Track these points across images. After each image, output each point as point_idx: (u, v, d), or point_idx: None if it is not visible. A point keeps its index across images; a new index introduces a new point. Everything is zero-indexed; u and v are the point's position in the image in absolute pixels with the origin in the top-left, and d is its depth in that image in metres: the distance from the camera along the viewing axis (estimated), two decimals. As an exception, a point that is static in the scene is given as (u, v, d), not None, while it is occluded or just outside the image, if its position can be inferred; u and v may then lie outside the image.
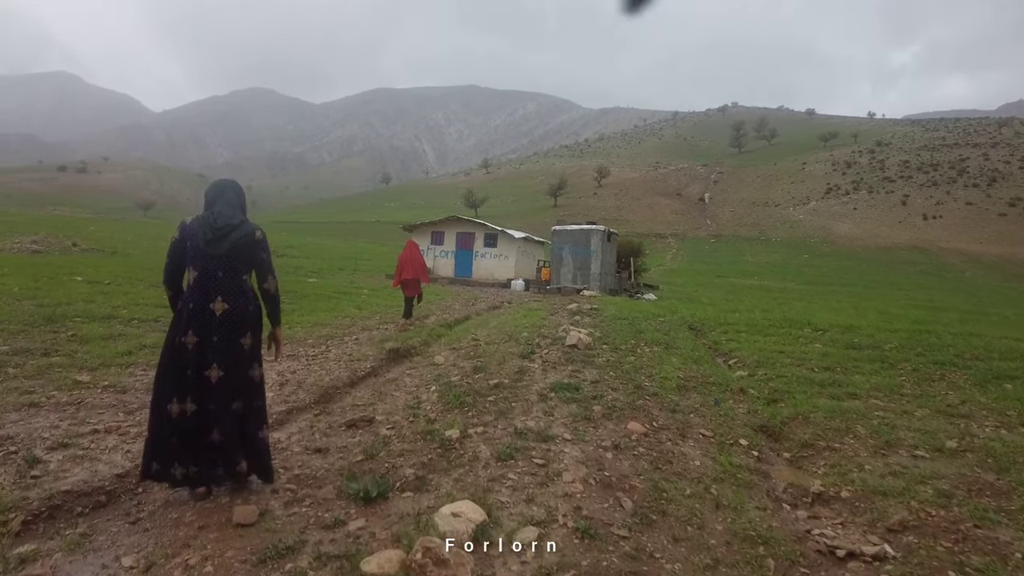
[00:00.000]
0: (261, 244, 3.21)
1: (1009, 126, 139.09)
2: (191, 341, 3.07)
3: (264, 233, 3.29)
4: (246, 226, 3.20)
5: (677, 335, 8.31)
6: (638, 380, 5.60)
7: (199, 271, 3.08)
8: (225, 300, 3.07)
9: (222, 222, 3.12)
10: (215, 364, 3.08)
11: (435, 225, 25.53)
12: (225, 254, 3.09)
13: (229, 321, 3.09)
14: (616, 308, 11.72)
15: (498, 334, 8.15)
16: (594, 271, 18.30)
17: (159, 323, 8.76)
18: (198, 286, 3.08)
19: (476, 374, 5.62)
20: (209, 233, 3.09)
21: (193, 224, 3.16)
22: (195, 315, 3.07)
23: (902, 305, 22.04)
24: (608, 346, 7.18)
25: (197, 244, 3.09)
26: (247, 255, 3.16)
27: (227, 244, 3.10)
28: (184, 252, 3.15)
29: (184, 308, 3.12)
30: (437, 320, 10.81)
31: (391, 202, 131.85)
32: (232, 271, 3.11)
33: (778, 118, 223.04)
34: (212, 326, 3.06)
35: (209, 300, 3.06)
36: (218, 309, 3.06)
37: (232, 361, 3.12)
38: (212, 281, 3.07)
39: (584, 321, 9.32)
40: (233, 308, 3.09)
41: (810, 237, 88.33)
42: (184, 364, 3.08)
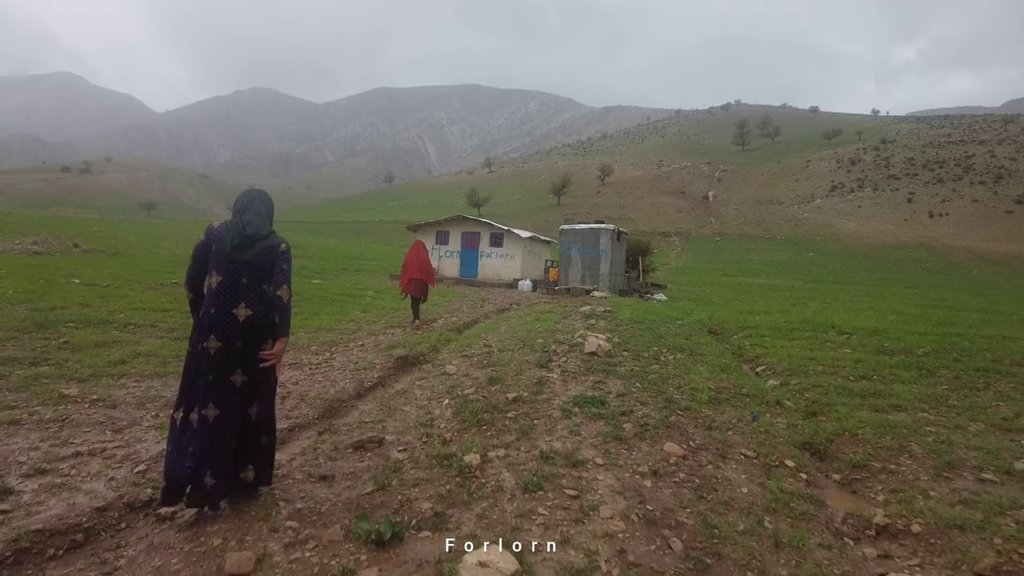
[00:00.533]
0: (284, 255, 3.21)
1: (1015, 122, 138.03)
2: (214, 346, 3.06)
3: (288, 245, 3.29)
4: (273, 237, 3.22)
5: (699, 340, 7.90)
6: (667, 392, 5.19)
7: (223, 275, 3.08)
8: (248, 306, 3.09)
9: (251, 230, 3.15)
10: (239, 369, 3.10)
11: (440, 225, 25.12)
12: (249, 261, 3.11)
13: (252, 327, 3.09)
14: (630, 310, 11.28)
15: (511, 340, 7.75)
16: (603, 271, 17.87)
17: (156, 328, 8.40)
18: (221, 290, 3.07)
19: (492, 386, 5.22)
20: (237, 239, 3.11)
21: (221, 228, 3.18)
22: (217, 320, 3.06)
23: (916, 304, 21.59)
24: (629, 353, 6.77)
25: (224, 248, 3.11)
26: (269, 264, 3.15)
27: (252, 252, 3.12)
28: (208, 255, 3.15)
29: (206, 313, 3.11)
30: (445, 324, 10.41)
31: (394, 201, 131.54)
32: (255, 278, 3.12)
33: (782, 116, 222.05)
34: (236, 332, 3.07)
35: (232, 305, 3.07)
36: (241, 315, 3.07)
37: (255, 367, 3.13)
38: (236, 287, 3.08)
39: (600, 325, 8.91)
40: (256, 315, 3.10)
41: (815, 235, 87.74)
42: (207, 369, 3.06)
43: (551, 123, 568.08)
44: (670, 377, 5.69)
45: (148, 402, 4.96)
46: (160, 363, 6.34)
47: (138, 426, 4.46)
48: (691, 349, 7.20)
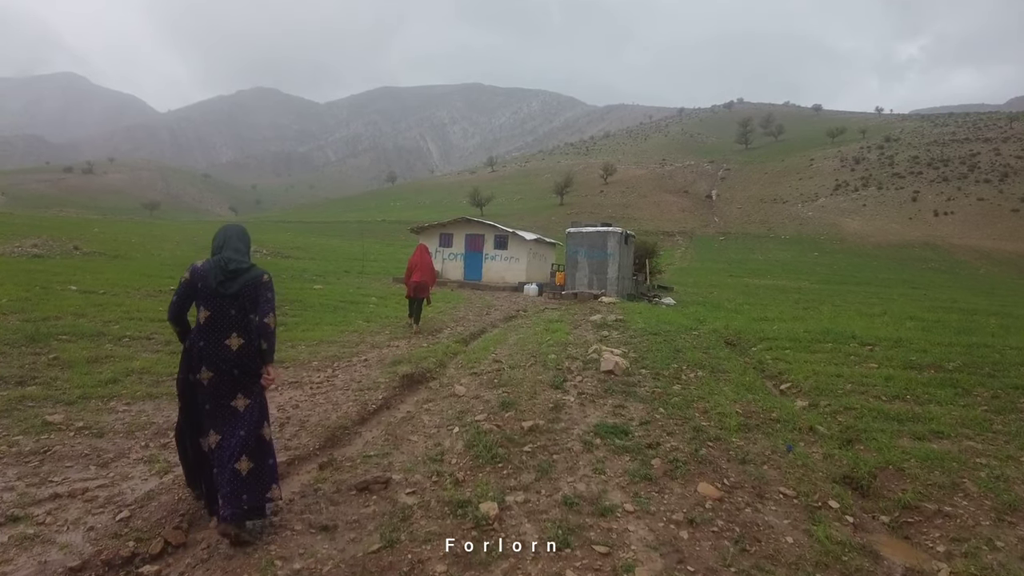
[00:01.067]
0: (267, 285, 3.36)
1: (1020, 120, 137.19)
2: (206, 376, 3.20)
3: (271, 276, 3.44)
4: (254, 270, 3.35)
5: (718, 354, 7.55)
6: (693, 419, 4.84)
7: (211, 311, 3.23)
8: (240, 335, 3.23)
9: (233, 266, 3.27)
10: (240, 394, 3.25)
11: (444, 227, 24.73)
12: (235, 293, 3.24)
13: (246, 355, 3.23)
14: (643, 319, 10.88)
15: (521, 354, 7.39)
16: (611, 275, 17.47)
17: (152, 340, 8.08)
18: (210, 325, 3.22)
19: (505, 412, 4.87)
20: (221, 275, 3.24)
21: (204, 266, 3.29)
22: (206, 352, 3.20)
23: (927, 307, 21.21)
24: (648, 371, 6.41)
25: (209, 285, 3.23)
26: (255, 295, 3.28)
27: (237, 285, 3.25)
28: (194, 292, 3.29)
29: (194, 346, 3.25)
30: (451, 334, 10.05)
31: (396, 201, 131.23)
32: (242, 309, 3.25)
33: (784, 114, 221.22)
34: (230, 360, 3.20)
35: (224, 337, 3.20)
36: (234, 344, 3.21)
37: (255, 390, 3.30)
38: (225, 319, 3.22)
39: (613, 337, 8.53)
40: (248, 343, 3.24)
41: (820, 234, 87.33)
42: (203, 399, 3.22)
43: (553, 122, 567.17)
44: (694, 400, 5.34)
45: (138, 429, 4.63)
46: (153, 382, 6.02)
47: (125, 459, 4.14)
48: (712, 366, 6.83)
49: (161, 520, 3.22)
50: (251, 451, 3.21)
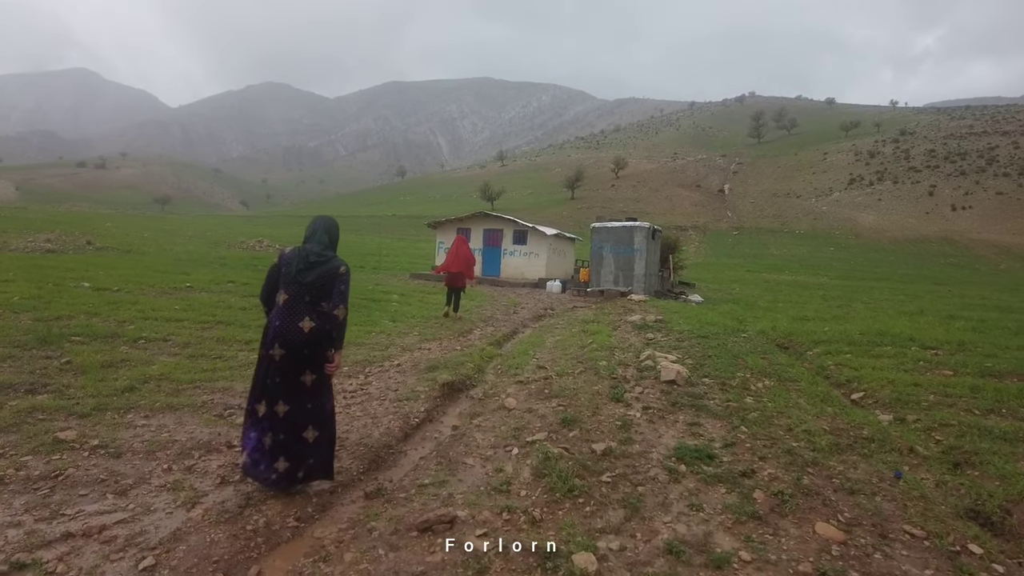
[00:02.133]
0: (343, 277, 3.63)
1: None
2: (278, 353, 3.52)
3: (348, 268, 3.71)
4: (334, 261, 3.64)
5: (777, 360, 6.97)
6: (779, 437, 4.30)
7: (289, 295, 3.56)
8: (312, 320, 3.52)
9: (313, 258, 3.59)
10: (308, 370, 3.56)
11: (461, 221, 24.18)
12: (311, 282, 3.55)
13: (315, 337, 3.52)
14: (684, 320, 10.28)
15: (566, 360, 6.87)
16: (638, 272, 16.85)
17: (169, 343, 7.63)
18: (287, 307, 3.54)
19: (568, 431, 4.35)
20: (301, 264, 3.57)
21: (290, 254, 3.65)
22: (280, 332, 3.51)
23: (961, 306, 20.51)
24: (711, 380, 5.86)
25: (290, 272, 3.57)
26: (329, 285, 3.57)
27: (314, 274, 3.55)
28: (279, 276, 3.63)
29: (271, 325, 3.59)
30: (482, 335, 9.53)
31: (406, 196, 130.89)
32: (315, 297, 3.56)
33: (797, 108, 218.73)
34: (301, 341, 3.50)
35: (298, 319, 3.51)
36: (306, 327, 3.51)
37: (321, 370, 3.61)
38: (300, 303, 3.54)
39: (660, 341, 7.97)
40: (318, 327, 3.52)
41: (835, 229, 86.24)
42: (273, 372, 3.53)
43: (563, 116, 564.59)
44: (772, 415, 4.79)
45: (159, 448, 4.15)
46: (173, 391, 5.55)
47: (146, 485, 3.65)
48: (776, 373, 6.27)
49: (192, 569, 2.73)
50: (317, 422, 3.62)
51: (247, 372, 6.38)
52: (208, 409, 5.04)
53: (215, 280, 14.66)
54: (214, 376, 6.08)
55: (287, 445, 3.52)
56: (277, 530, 3.14)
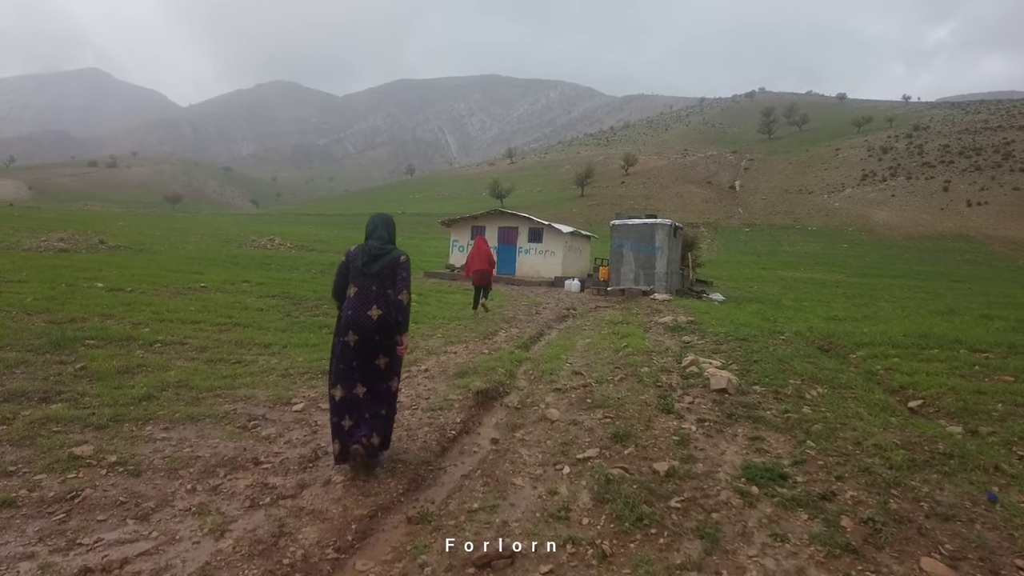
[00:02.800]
0: (403, 265, 3.98)
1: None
2: (352, 339, 3.84)
3: (408, 257, 4.06)
4: (394, 252, 4.00)
5: (825, 365, 6.58)
6: (852, 454, 3.95)
7: (358, 287, 3.92)
8: (380, 308, 3.86)
9: (375, 250, 3.94)
10: (381, 354, 3.90)
11: (476, 219, 23.86)
12: (376, 273, 3.90)
13: (384, 323, 3.86)
14: (716, 321, 9.87)
15: (603, 365, 6.53)
16: (659, 270, 16.42)
17: (186, 346, 7.36)
18: (357, 298, 3.90)
19: (623, 447, 4.01)
20: (366, 257, 3.93)
21: (355, 251, 4.00)
22: (352, 320, 3.85)
23: (988, 304, 20.01)
24: (762, 387, 5.50)
25: (357, 266, 3.93)
26: (392, 274, 3.92)
27: (378, 265, 3.91)
28: (348, 271, 4.00)
29: (344, 314, 3.92)
30: (507, 337, 9.19)
31: (416, 193, 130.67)
32: (381, 286, 3.91)
33: (808, 103, 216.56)
34: (371, 327, 3.84)
35: (367, 308, 3.85)
36: (375, 315, 3.85)
37: (393, 352, 3.96)
38: (369, 294, 3.89)
39: (698, 344, 7.60)
40: (385, 314, 3.86)
41: (847, 225, 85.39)
42: (351, 356, 3.87)
43: (571, 113, 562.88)
44: (836, 427, 4.44)
45: (181, 466, 3.85)
46: (192, 399, 5.27)
47: (169, 508, 3.36)
48: (828, 379, 5.90)
49: (226, 615, 2.43)
50: (389, 401, 4.03)
51: (268, 379, 6.10)
52: (231, 420, 4.75)
53: (229, 280, 14.44)
54: (234, 383, 5.80)
55: (372, 422, 3.89)
56: (316, 563, 2.83)
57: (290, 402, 5.25)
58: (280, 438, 4.43)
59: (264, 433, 4.47)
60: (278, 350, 7.34)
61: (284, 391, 5.57)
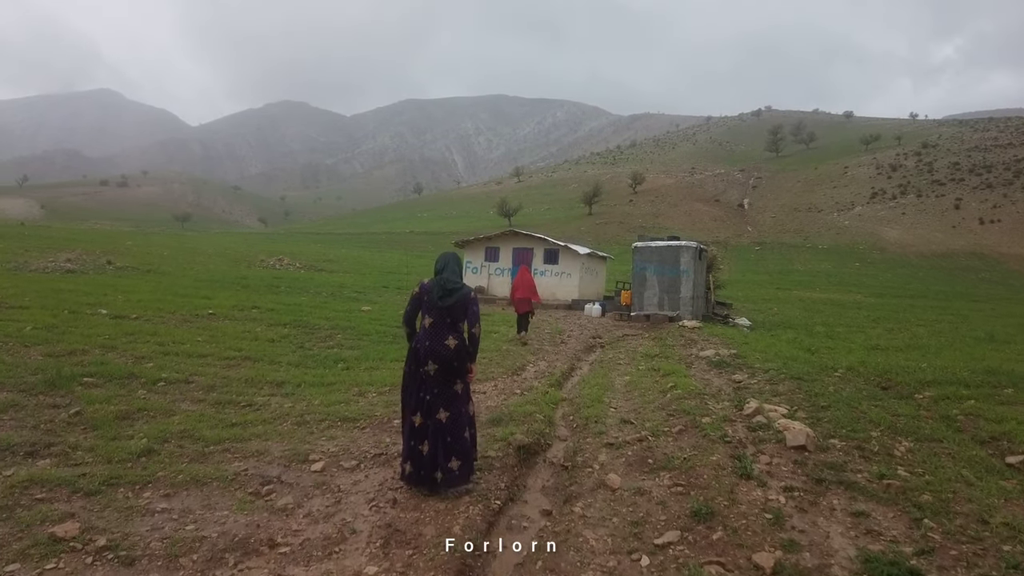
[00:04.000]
0: (474, 301, 4.33)
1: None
2: (432, 368, 4.15)
3: (476, 293, 4.43)
4: (464, 288, 4.31)
5: (898, 410, 5.82)
6: (986, 540, 3.29)
7: (434, 318, 4.22)
8: (454, 338, 4.22)
9: (450, 285, 4.26)
10: (458, 380, 4.26)
11: (490, 240, 23.26)
12: (450, 307, 4.21)
13: (459, 353, 4.21)
14: (759, 353, 9.02)
15: (654, 411, 5.83)
16: (684, 295, 15.69)
17: (191, 385, 6.78)
18: (433, 329, 4.20)
19: (708, 528, 3.34)
20: (441, 291, 4.24)
21: (429, 284, 4.32)
22: (431, 350, 4.14)
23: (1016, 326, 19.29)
24: (840, 441, 4.76)
25: (432, 299, 4.24)
26: (464, 308, 4.25)
27: (452, 299, 4.22)
28: (421, 303, 4.31)
29: (421, 345, 4.21)
30: (536, 373, 8.52)
31: (424, 212, 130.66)
32: (455, 319, 4.25)
33: (815, 121, 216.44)
34: (450, 356, 4.16)
35: (443, 339, 4.17)
36: (451, 344, 4.18)
37: (465, 379, 4.33)
38: (444, 325, 4.21)
39: (752, 385, 6.83)
40: (460, 344, 4.23)
41: (859, 244, 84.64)
42: (432, 385, 4.16)
43: (578, 132, 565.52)
44: (948, 498, 3.76)
45: (183, 552, 3.23)
46: (198, 455, 4.66)
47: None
48: (910, 430, 5.17)
49: None
50: (471, 424, 4.32)
51: (282, 427, 5.49)
52: (241, 484, 4.14)
53: (238, 305, 13.91)
54: (244, 433, 5.19)
55: (454, 447, 4.09)
56: None
57: (308, 459, 4.63)
58: (299, 509, 3.80)
59: (280, 503, 3.86)
60: (292, 390, 6.73)
61: (300, 444, 4.95)
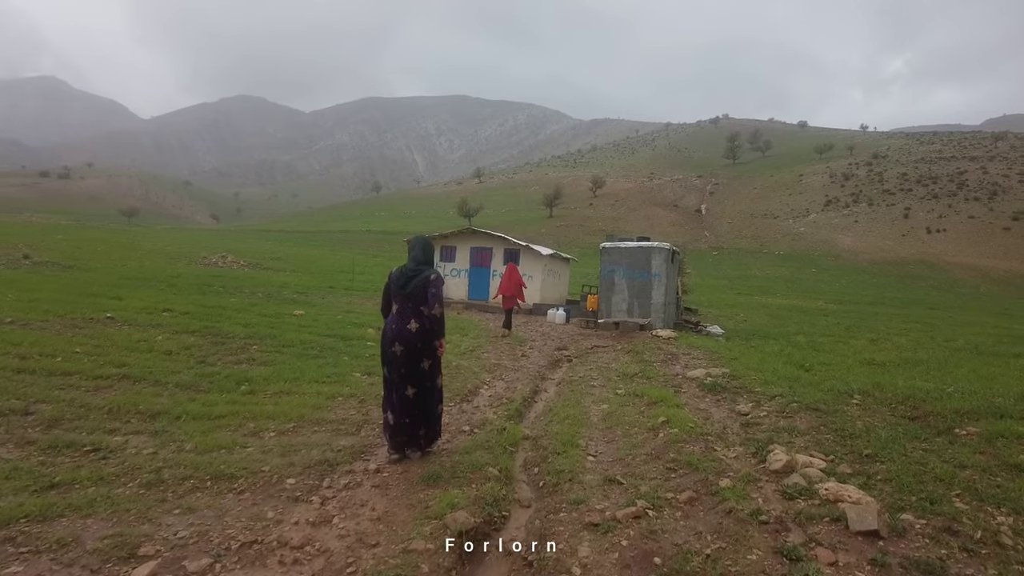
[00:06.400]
0: (433, 283, 4.71)
1: (1004, 140, 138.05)
2: (398, 349, 4.64)
3: (438, 275, 4.83)
4: (425, 271, 4.76)
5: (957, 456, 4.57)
6: None
7: (398, 303, 4.74)
8: (416, 321, 4.65)
9: (410, 272, 4.75)
10: (425, 358, 4.71)
11: (446, 239, 21.59)
12: (411, 292, 4.68)
13: (421, 335, 4.65)
14: (754, 372, 7.42)
15: (646, 462, 4.31)
16: (656, 300, 14.31)
17: (29, 418, 5.07)
18: (398, 314, 4.73)
19: None
20: (402, 279, 4.74)
21: (395, 273, 4.83)
22: (396, 333, 4.66)
23: (998, 338, 18.73)
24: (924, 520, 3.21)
25: (396, 286, 4.76)
26: (423, 291, 4.67)
27: (412, 285, 4.69)
28: (391, 291, 4.81)
29: (388, 328, 4.75)
30: (492, 398, 7.02)
31: (382, 211, 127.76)
32: (417, 302, 4.67)
33: (771, 130, 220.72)
34: (413, 338, 4.63)
35: (407, 323, 4.65)
36: (413, 327, 4.64)
37: (434, 355, 4.78)
38: (407, 310, 4.68)
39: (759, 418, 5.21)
40: (421, 326, 4.64)
41: (813, 250, 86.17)
42: (399, 364, 4.66)
43: (539, 135, 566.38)
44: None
45: None
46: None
47: None
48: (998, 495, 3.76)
49: None
50: (437, 398, 4.90)
51: (122, 491, 3.84)
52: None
53: (148, 307, 11.99)
54: (60, 502, 3.50)
55: (423, 417, 4.71)
56: None
57: (135, 554, 3.00)
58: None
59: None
60: (165, 425, 5.07)
61: (135, 524, 3.34)
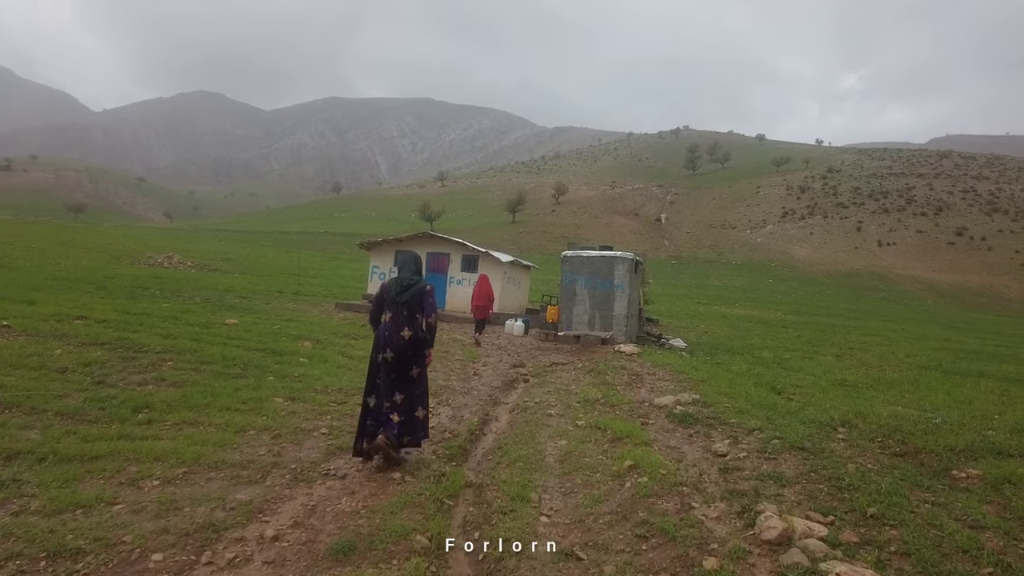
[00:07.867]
0: (429, 293, 5.08)
1: (948, 158, 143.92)
2: (389, 356, 4.89)
3: (432, 286, 5.21)
4: (420, 283, 5.10)
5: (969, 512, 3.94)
6: None
7: (392, 313, 5.00)
8: (409, 329, 4.94)
9: (406, 282, 5.05)
10: (414, 365, 5.01)
11: (401, 243, 20.47)
12: (406, 301, 4.98)
13: (413, 343, 4.94)
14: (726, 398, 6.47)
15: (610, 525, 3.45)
16: (618, 312, 13.63)
17: None
18: (391, 322, 4.98)
19: None
20: (399, 288, 5.02)
21: (388, 283, 5.11)
22: (389, 340, 4.91)
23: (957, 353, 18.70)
24: None
25: (391, 295, 5.03)
26: (419, 301, 5.01)
27: (408, 294, 4.99)
28: (383, 300, 5.07)
29: (381, 335, 4.99)
30: (435, 433, 5.94)
31: (341, 212, 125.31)
32: (411, 312, 4.98)
33: (730, 142, 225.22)
34: (405, 346, 4.91)
35: (400, 330, 4.91)
36: (406, 336, 4.91)
37: (423, 364, 5.09)
38: (400, 318, 4.96)
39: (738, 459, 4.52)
40: (414, 335, 4.93)
41: (770, 261, 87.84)
42: (389, 370, 4.91)
43: (503, 141, 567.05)
44: None
45: None
46: None
47: None
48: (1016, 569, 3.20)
49: None
50: (423, 404, 5.13)
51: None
52: None
53: (61, 312, 10.73)
54: None
55: (406, 424, 4.89)
56: None
57: None
58: None
59: None
60: (21, 470, 3.94)
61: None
